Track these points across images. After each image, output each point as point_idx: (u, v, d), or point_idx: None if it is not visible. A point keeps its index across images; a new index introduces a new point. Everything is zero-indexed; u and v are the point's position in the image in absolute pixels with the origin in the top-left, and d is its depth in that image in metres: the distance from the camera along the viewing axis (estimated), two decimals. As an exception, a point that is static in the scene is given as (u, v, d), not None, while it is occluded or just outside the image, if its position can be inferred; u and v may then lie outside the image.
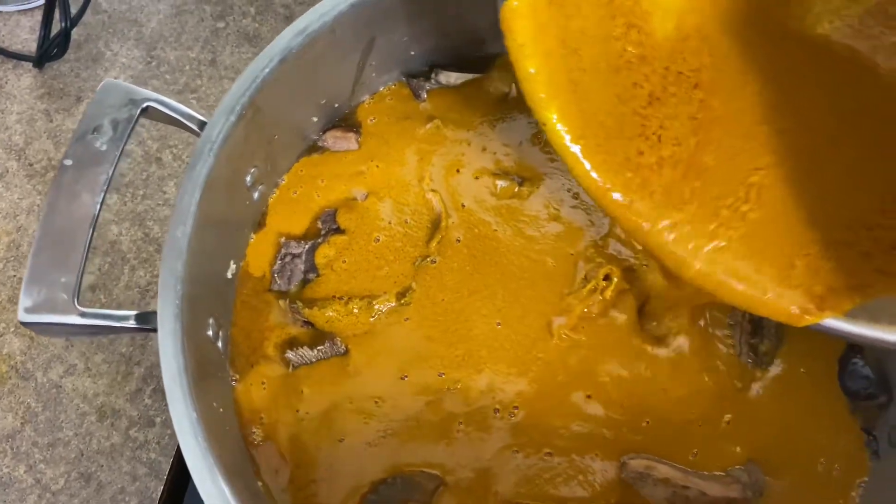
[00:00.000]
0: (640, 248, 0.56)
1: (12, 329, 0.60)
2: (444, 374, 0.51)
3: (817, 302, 0.37)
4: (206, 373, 0.46)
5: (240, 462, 0.48)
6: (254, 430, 0.50)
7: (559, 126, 0.39)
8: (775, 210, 0.38)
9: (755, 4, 0.40)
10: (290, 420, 0.50)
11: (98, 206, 0.46)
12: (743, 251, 0.38)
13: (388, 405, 0.51)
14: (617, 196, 0.39)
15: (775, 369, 0.53)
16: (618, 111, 0.40)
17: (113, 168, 0.47)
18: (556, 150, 0.40)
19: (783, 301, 0.37)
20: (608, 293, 0.53)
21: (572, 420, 0.50)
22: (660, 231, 0.39)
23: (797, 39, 0.39)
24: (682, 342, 0.53)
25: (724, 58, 0.40)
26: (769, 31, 0.40)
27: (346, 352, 0.52)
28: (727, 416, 0.51)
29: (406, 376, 0.51)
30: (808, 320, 0.37)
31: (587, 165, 0.39)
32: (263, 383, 0.51)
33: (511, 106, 0.61)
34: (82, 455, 0.56)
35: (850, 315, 0.36)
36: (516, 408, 0.51)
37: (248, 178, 0.53)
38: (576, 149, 0.39)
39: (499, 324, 0.53)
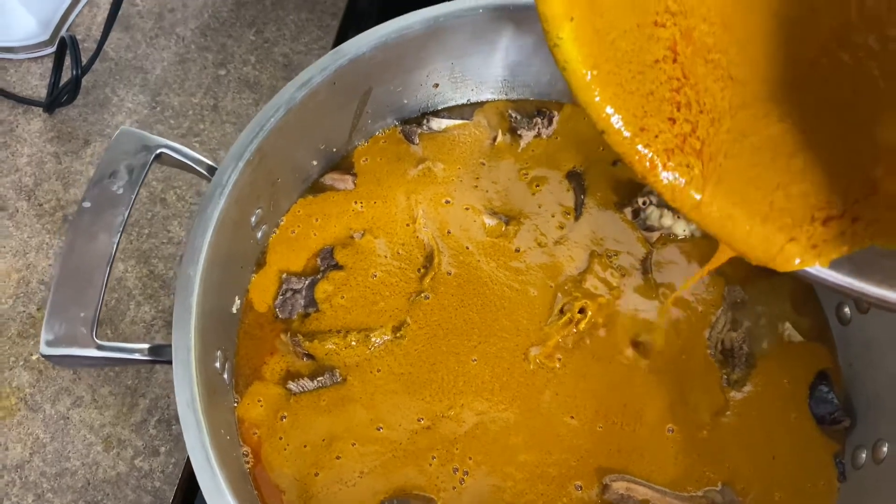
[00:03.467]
0: (615, 285, 0.60)
1: (21, 362, 0.63)
2: (434, 402, 0.55)
3: (806, 249, 0.39)
4: (214, 402, 0.49)
5: (245, 488, 0.50)
6: (249, 450, 0.53)
7: (571, 46, 0.38)
8: (766, 161, 0.40)
9: None
10: (282, 445, 0.53)
11: (114, 246, 0.49)
12: (742, 199, 0.40)
13: (382, 433, 0.53)
14: (626, 133, 0.39)
15: (748, 394, 0.56)
16: (633, 33, 0.39)
17: (128, 210, 0.50)
18: (565, 73, 0.38)
19: (775, 247, 0.39)
20: (582, 325, 0.57)
21: (553, 445, 0.54)
22: (666, 173, 0.40)
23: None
24: (657, 369, 0.57)
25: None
26: None
27: (344, 381, 0.55)
28: (703, 439, 0.54)
29: (399, 406, 0.54)
30: (797, 266, 0.39)
31: (596, 94, 0.38)
32: (260, 401, 0.54)
33: (499, 149, 0.66)
34: (89, 484, 0.59)
35: (837, 266, 0.39)
36: (499, 436, 0.54)
37: (253, 219, 0.56)
38: (587, 74, 0.38)
39: (475, 359, 0.56)
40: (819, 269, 0.39)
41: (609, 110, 0.39)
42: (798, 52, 0.39)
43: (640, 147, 0.40)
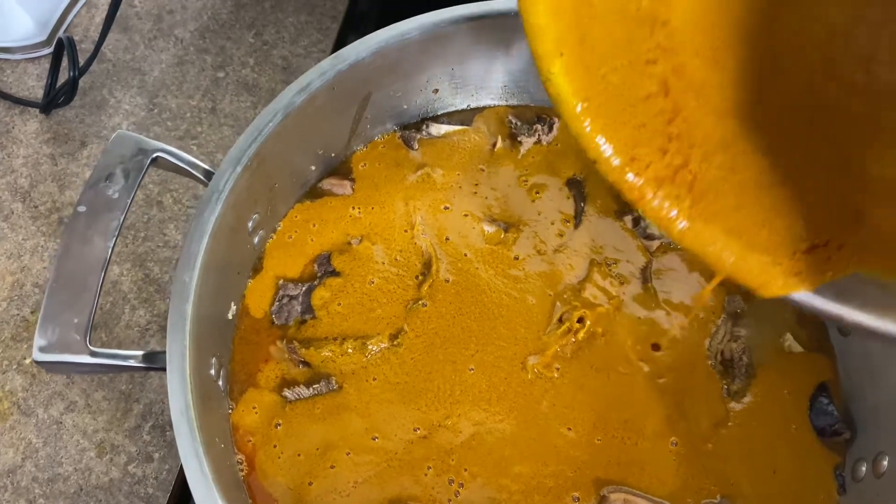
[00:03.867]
0: (615, 294, 0.59)
1: (15, 366, 0.62)
2: (430, 412, 0.54)
3: (789, 275, 0.39)
4: (209, 409, 0.49)
5: (239, 497, 0.50)
6: (244, 458, 0.52)
7: (562, 80, 0.38)
8: (756, 195, 0.41)
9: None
10: (276, 453, 0.52)
11: (109, 251, 0.48)
12: (728, 227, 0.40)
13: (377, 442, 0.53)
14: (615, 161, 0.39)
15: (748, 405, 0.56)
16: (624, 69, 0.40)
17: (124, 214, 0.50)
18: (557, 105, 0.39)
19: (760, 275, 0.40)
20: (581, 335, 0.57)
21: (550, 457, 0.53)
22: (656, 202, 0.40)
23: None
24: (657, 379, 0.56)
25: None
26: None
27: (340, 389, 0.55)
28: (702, 451, 0.54)
29: (395, 416, 0.54)
30: (780, 292, 0.39)
31: (586, 125, 0.39)
32: (254, 408, 0.54)
33: (498, 155, 0.65)
34: (81, 490, 0.58)
35: (820, 293, 0.39)
36: (495, 447, 0.53)
37: (250, 224, 0.56)
38: (577, 107, 0.38)
39: (472, 369, 0.56)
40: (802, 295, 0.40)
41: (599, 140, 0.40)
42: (786, 86, 0.40)
43: (630, 176, 0.41)
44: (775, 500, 0.53)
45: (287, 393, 0.54)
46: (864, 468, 0.53)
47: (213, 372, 0.51)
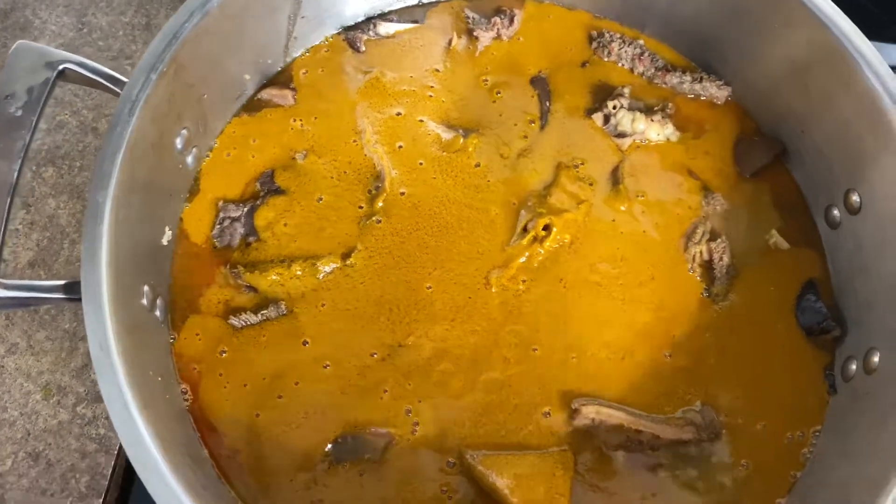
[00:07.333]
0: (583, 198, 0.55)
1: (-51, 310, 0.58)
2: (385, 335, 0.50)
3: None
4: (142, 342, 0.45)
5: (182, 431, 0.46)
6: (188, 388, 0.49)
7: None
8: None
9: None
10: (221, 382, 0.49)
11: (15, 174, 0.44)
12: None
13: (329, 370, 0.49)
14: None
15: (730, 308, 0.52)
16: None
17: (30, 134, 0.45)
18: None
19: None
20: (548, 243, 0.52)
21: (514, 373, 0.50)
22: None
23: None
24: (630, 287, 0.52)
25: None
26: None
27: (290, 313, 0.51)
28: (682, 358, 0.50)
29: (349, 341, 0.50)
30: None
31: None
32: (198, 335, 0.50)
33: (455, 54, 0.60)
34: (29, 435, 0.55)
35: None
36: (456, 366, 0.50)
37: (179, 141, 0.51)
38: None
39: (429, 287, 0.52)
40: None
41: None
42: None
43: None
44: (762, 404, 0.50)
45: (234, 321, 0.50)
46: (854, 366, 0.50)
47: (145, 302, 0.47)
